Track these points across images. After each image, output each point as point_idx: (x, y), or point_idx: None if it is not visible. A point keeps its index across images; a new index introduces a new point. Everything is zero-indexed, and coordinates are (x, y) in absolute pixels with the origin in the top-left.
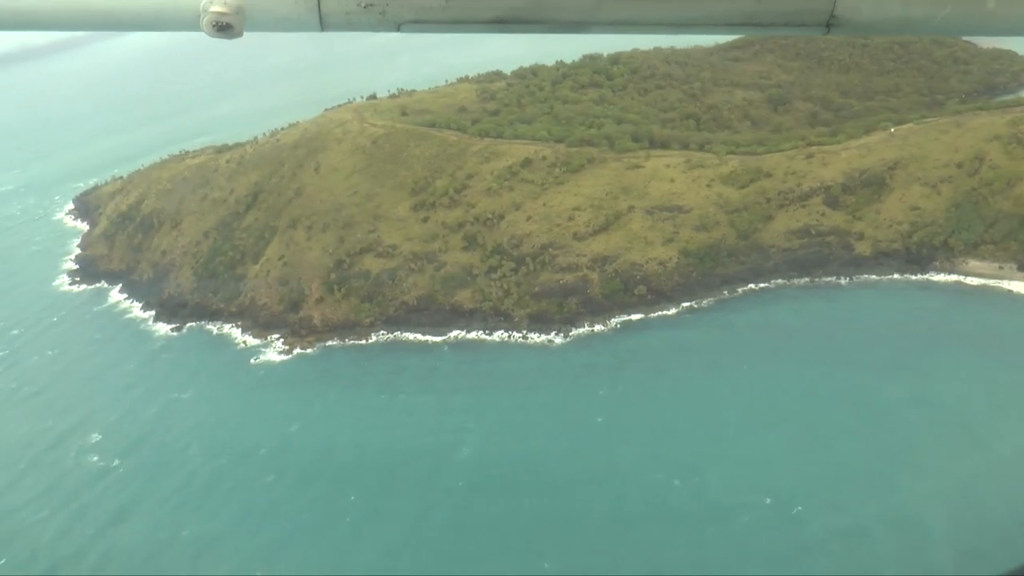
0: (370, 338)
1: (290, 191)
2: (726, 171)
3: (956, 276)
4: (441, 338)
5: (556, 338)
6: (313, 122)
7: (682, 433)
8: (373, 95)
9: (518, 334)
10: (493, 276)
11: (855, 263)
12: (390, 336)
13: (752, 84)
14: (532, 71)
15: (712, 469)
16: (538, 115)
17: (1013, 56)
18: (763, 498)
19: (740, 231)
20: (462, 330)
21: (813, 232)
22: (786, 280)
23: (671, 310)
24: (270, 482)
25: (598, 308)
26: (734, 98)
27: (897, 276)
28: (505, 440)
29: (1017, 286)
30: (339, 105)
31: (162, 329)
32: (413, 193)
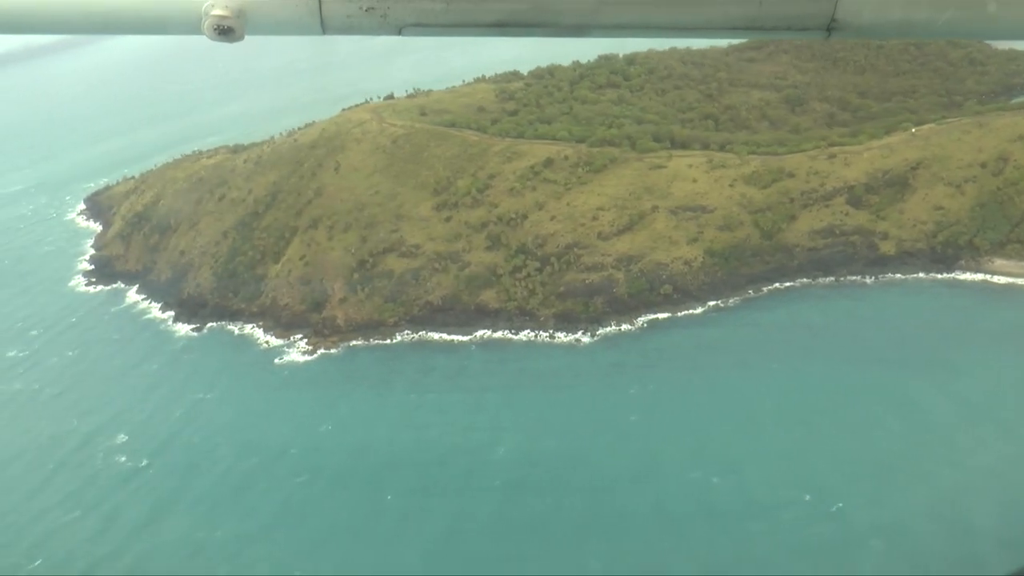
0: (395, 338)
1: (310, 191)
2: (748, 171)
3: (982, 275)
4: (468, 337)
5: (583, 337)
6: (331, 122)
7: (717, 431)
8: (390, 95)
9: (544, 333)
10: (518, 276)
11: (880, 262)
12: (415, 336)
13: (768, 85)
14: (549, 71)
15: (749, 466)
16: (557, 115)
17: None
18: (803, 495)
19: (764, 231)
20: (488, 329)
21: (837, 232)
22: (811, 279)
23: (697, 309)
24: (303, 482)
25: (624, 307)
26: (751, 98)
27: (923, 275)
28: (540, 439)
29: None
30: (356, 105)
31: (182, 329)
32: (435, 193)
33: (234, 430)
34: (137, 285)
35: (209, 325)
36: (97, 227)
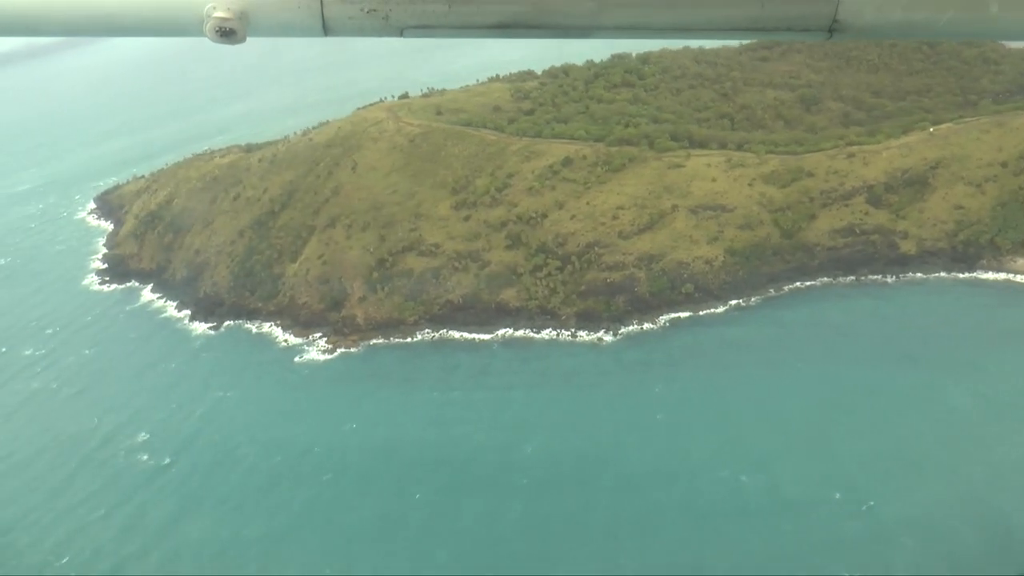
0: (415, 336)
1: (327, 190)
2: (767, 170)
3: (1005, 274)
4: (490, 336)
5: (606, 336)
6: (346, 121)
7: (744, 429)
8: (405, 94)
9: (566, 332)
10: (538, 275)
11: (900, 262)
12: (435, 334)
13: (782, 84)
14: (563, 70)
15: (778, 465)
16: (574, 114)
17: None
18: (833, 493)
19: (784, 230)
20: (509, 328)
21: (857, 231)
22: (832, 278)
23: (719, 308)
24: (329, 481)
25: (646, 306)
26: (766, 98)
27: (944, 274)
28: (568, 437)
29: None
30: (370, 104)
31: (199, 328)
32: (453, 192)
33: (257, 428)
34: (152, 284)
35: (226, 323)
36: (108, 226)
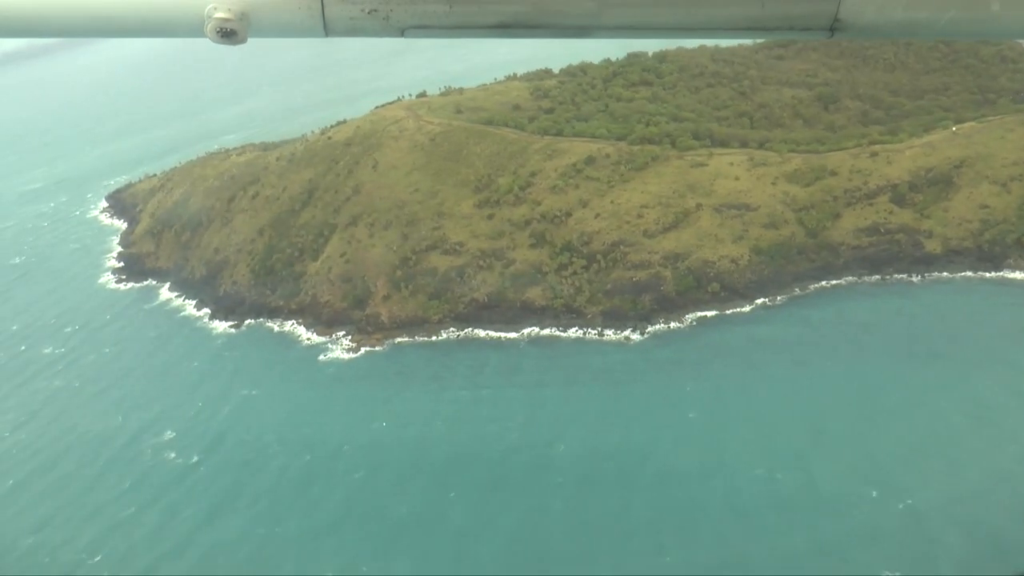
0: (440, 335)
1: (347, 188)
2: (790, 169)
3: None
4: (517, 334)
5: (633, 335)
6: (365, 119)
7: (777, 427)
8: (423, 92)
9: (593, 331)
10: (564, 273)
11: (926, 261)
12: (461, 333)
13: (800, 82)
14: (581, 69)
15: (813, 462)
16: (594, 113)
17: None
18: (870, 491)
19: (809, 229)
20: (535, 327)
21: (882, 230)
22: (857, 277)
23: (746, 307)
24: (361, 479)
25: (672, 305)
26: (784, 96)
27: (970, 273)
28: (601, 434)
29: None
30: (389, 102)
31: (220, 327)
32: (476, 190)
33: (285, 427)
34: (169, 282)
35: (247, 322)
36: (122, 224)
